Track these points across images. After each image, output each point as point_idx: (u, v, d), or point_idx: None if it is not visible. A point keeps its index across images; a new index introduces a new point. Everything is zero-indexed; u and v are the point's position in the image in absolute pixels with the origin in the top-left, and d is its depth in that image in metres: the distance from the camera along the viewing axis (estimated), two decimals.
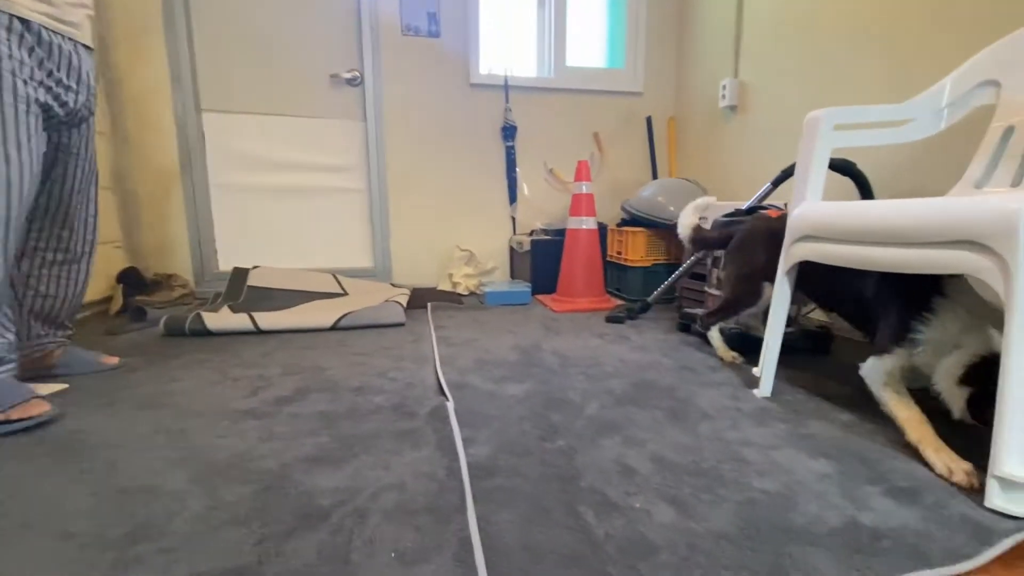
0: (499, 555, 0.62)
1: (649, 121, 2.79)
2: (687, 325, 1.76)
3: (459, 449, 0.89)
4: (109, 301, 2.10)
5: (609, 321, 1.94)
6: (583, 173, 2.26)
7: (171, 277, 2.32)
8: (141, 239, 2.34)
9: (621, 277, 2.46)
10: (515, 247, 2.69)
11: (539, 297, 2.42)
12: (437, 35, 2.51)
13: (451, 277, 2.58)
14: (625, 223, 2.45)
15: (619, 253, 2.45)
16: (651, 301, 2.01)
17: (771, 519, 0.70)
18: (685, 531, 0.67)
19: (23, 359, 1.25)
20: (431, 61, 2.53)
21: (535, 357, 1.47)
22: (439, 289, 2.54)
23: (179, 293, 2.27)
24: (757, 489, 0.77)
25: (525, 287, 2.36)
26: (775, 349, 1.15)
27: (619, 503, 0.74)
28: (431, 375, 1.31)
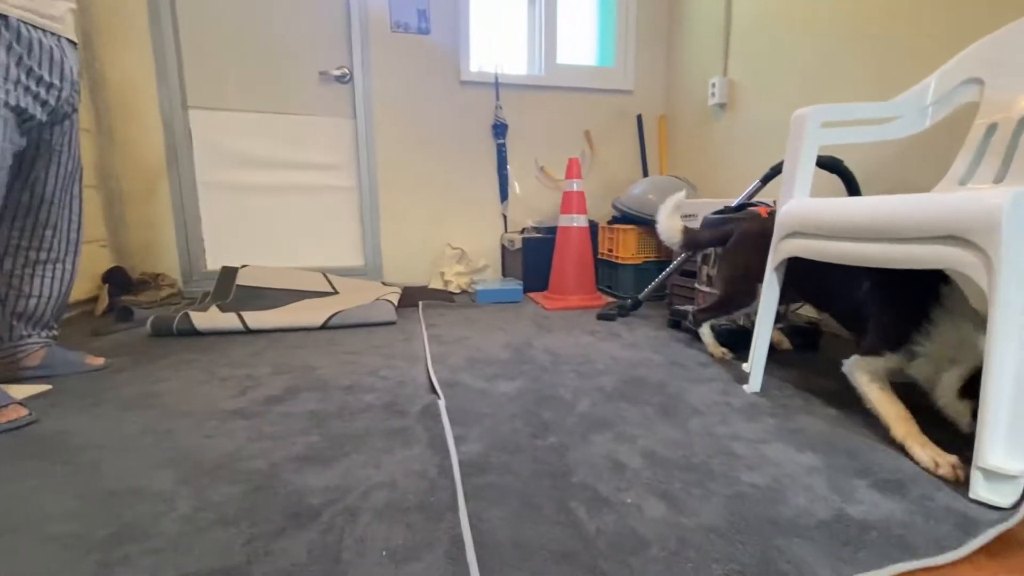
0: (491, 552, 0.62)
1: (639, 119, 2.80)
2: (677, 322, 1.77)
3: (450, 447, 0.89)
4: (94, 301, 2.07)
5: (600, 318, 1.94)
6: (574, 171, 2.26)
7: (158, 277, 2.29)
8: (127, 238, 2.31)
9: (612, 275, 2.47)
10: (506, 245, 2.69)
11: (531, 295, 2.42)
12: (427, 32, 2.50)
13: (442, 275, 2.57)
14: (616, 221, 2.45)
15: (610, 251, 2.46)
16: (642, 298, 2.02)
17: (760, 512, 0.70)
18: (675, 525, 0.68)
19: (4, 360, 1.22)
20: (421, 58, 2.52)
21: (527, 355, 1.47)
22: (430, 287, 2.53)
23: (166, 293, 2.24)
24: (746, 483, 0.78)
25: (516, 285, 2.36)
26: (764, 345, 1.16)
27: (610, 499, 0.74)
28: (422, 373, 1.30)
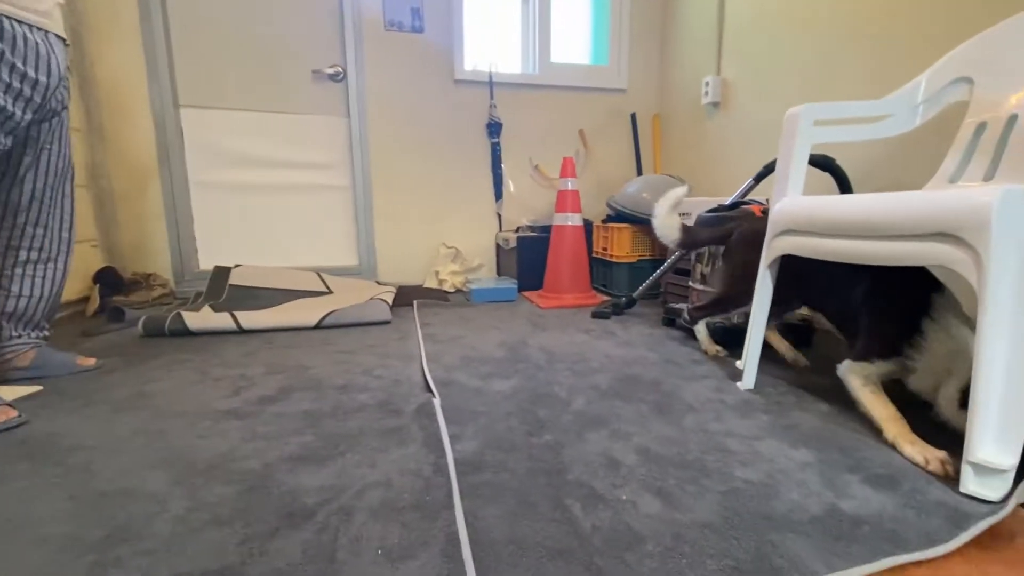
0: (486, 549, 0.62)
1: (634, 118, 2.80)
2: (672, 320, 1.78)
3: (446, 445, 0.89)
4: (86, 302, 2.05)
5: (595, 317, 1.95)
6: (568, 170, 2.26)
7: (150, 277, 2.27)
8: (118, 237, 2.29)
9: (607, 273, 2.47)
10: (501, 244, 2.69)
11: (525, 294, 2.42)
12: (421, 30, 2.49)
13: (437, 274, 2.57)
14: (610, 219, 2.46)
15: (605, 249, 2.46)
16: (636, 296, 2.02)
17: (754, 508, 0.71)
18: (670, 521, 0.68)
19: None
20: (415, 57, 2.51)
21: (521, 353, 1.47)
22: (425, 287, 2.53)
23: (158, 293, 2.23)
24: (740, 479, 0.79)
25: (511, 284, 2.36)
26: (758, 342, 1.16)
27: (605, 495, 0.74)
28: (417, 372, 1.30)
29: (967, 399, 0.83)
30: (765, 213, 1.49)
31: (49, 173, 1.20)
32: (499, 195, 2.72)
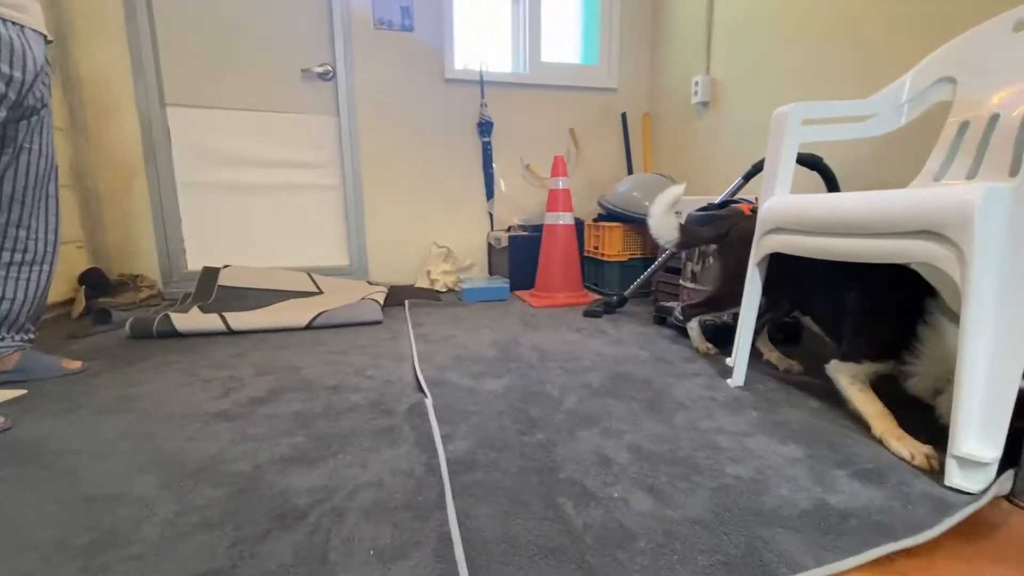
0: (479, 549, 0.62)
1: (624, 117, 2.81)
2: (663, 318, 1.79)
3: (438, 445, 0.88)
4: (71, 304, 2.02)
5: (587, 315, 1.95)
6: (559, 169, 2.27)
7: (137, 278, 2.24)
8: (104, 238, 2.26)
9: (598, 272, 2.48)
10: (493, 243, 2.69)
11: (517, 293, 2.42)
12: (411, 29, 2.48)
13: (429, 274, 2.56)
14: (602, 218, 2.47)
15: (596, 248, 2.47)
16: (628, 295, 2.03)
17: (744, 504, 0.72)
18: (662, 518, 0.68)
19: None
20: (405, 55, 2.50)
21: (513, 352, 1.47)
22: (417, 286, 2.52)
23: (146, 294, 2.20)
24: (731, 475, 0.79)
25: (503, 283, 2.36)
26: (748, 340, 1.17)
27: (597, 493, 0.74)
28: (409, 372, 1.30)
29: None
30: (754, 212, 1.50)
31: (30, 174, 1.18)
32: (490, 194, 2.72)
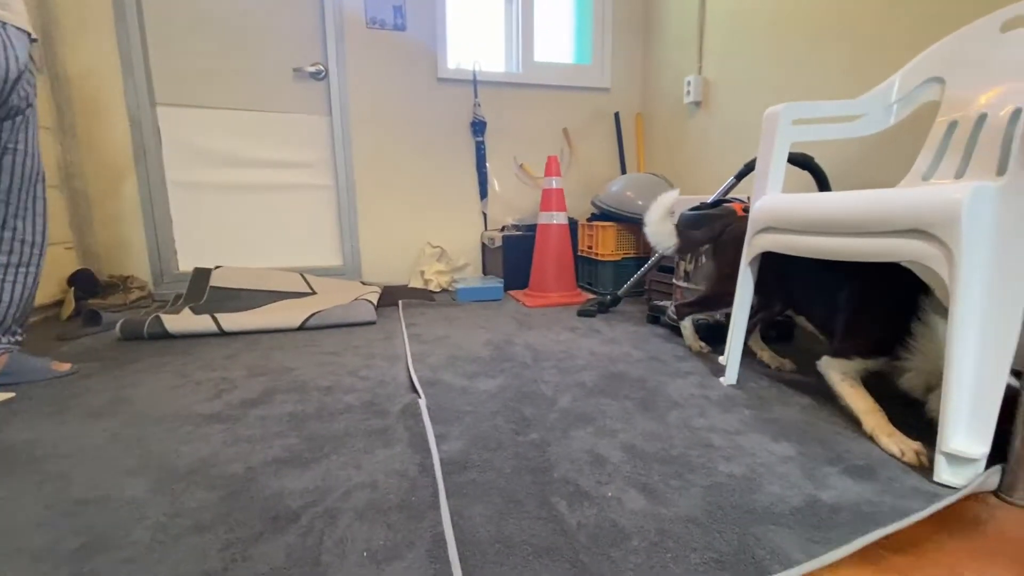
0: (473, 549, 0.62)
1: (617, 117, 2.82)
2: (656, 317, 1.80)
3: (431, 445, 0.88)
4: (60, 305, 2.00)
5: (580, 315, 1.96)
6: (553, 168, 2.27)
7: (127, 279, 2.22)
8: (93, 239, 2.23)
9: (592, 271, 2.49)
10: (487, 243, 2.69)
11: (511, 293, 2.43)
12: (403, 28, 2.48)
13: (422, 274, 2.56)
14: (595, 218, 2.47)
15: (590, 247, 2.47)
16: (621, 294, 2.04)
17: (737, 502, 0.72)
18: (655, 517, 0.69)
19: None
20: (398, 55, 2.49)
21: (507, 352, 1.47)
22: (410, 286, 2.52)
23: (136, 295, 2.18)
24: (723, 473, 0.80)
25: (497, 283, 2.36)
26: (740, 338, 1.18)
27: (591, 492, 0.75)
28: (402, 372, 1.29)
29: None
30: (746, 211, 1.51)
31: (15, 174, 1.16)
32: (484, 194, 2.72)
